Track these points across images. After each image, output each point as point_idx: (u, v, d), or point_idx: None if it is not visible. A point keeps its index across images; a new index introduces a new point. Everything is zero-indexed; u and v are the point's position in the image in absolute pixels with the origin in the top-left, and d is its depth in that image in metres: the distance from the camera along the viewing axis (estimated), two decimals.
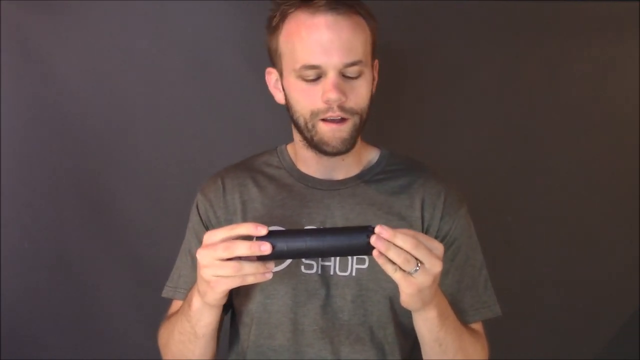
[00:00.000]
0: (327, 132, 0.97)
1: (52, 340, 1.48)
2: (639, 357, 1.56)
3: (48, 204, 1.45)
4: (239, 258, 0.83)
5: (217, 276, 0.84)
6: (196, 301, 0.92)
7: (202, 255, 0.84)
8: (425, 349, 0.98)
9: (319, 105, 0.95)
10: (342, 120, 0.96)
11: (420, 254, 0.80)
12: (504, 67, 1.48)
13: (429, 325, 0.93)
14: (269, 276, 0.85)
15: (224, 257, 0.82)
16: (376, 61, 1.04)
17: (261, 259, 0.84)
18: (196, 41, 1.44)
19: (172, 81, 1.45)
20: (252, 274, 0.84)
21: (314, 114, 0.96)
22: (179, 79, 1.45)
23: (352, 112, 0.96)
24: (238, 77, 1.45)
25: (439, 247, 0.83)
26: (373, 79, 1.01)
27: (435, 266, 0.81)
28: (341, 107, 0.95)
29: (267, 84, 1.06)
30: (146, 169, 1.47)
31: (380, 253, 0.80)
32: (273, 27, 0.99)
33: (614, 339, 1.57)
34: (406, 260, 0.79)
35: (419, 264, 0.80)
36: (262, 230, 0.82)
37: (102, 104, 1.44)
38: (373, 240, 0.79)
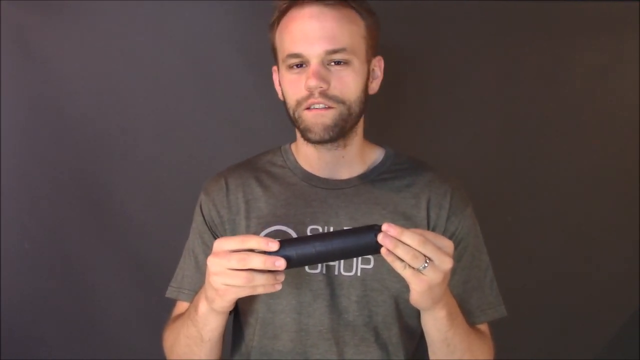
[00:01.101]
0: (310, 118, 0.97)
1: (52, 341, 1.48)
2: (639, 357, 1.56)
3: (48, 204, 1.45)
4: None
5: (227, 285, 0.84)
6: (203, 306, 0.92)
7: (212, 263, 0.84)
8: (432, 349, 0.98)
9: (302, 93, 0.96)
10: (327, 108, 0.96)
11: (428, 251, 0.80)
12: (503, 67, 1.48)
13: (438, 325, 0.93)
14: (279, 287, 0.85)
15: (236, 268, 0.82)
16: (378, 57, 1.04)
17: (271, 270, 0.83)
18: (196, 41, 1.44)
19: (173, 81, 1.45)
20: (262, 285, 0.83)
21: (299, 103, 0.97)
22: (179, 79, 1.45)
23: (336, 100, 0.96)
24: (238, 76, 1.45)
25: (448, 245, 0.82)
26: (369, 73, 1.01)
27: (444, 263, 0.81)
28: (323, 94, 0.95)
29: (274, 82, 1.07)
30: (146, 168, 1.47)
31: (389, 251, 0.79)
32: (271, 25, 1.02)
33: (614, 339, 1.57)
34: (414, 256, 0.79)
35: (428, 261, 0.80)
36: (274, 246, 0.82)
37: (103, 103, 1.44)
38: (380, 238, 0.79)
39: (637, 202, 1.52)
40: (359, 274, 0.99)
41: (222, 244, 0.84)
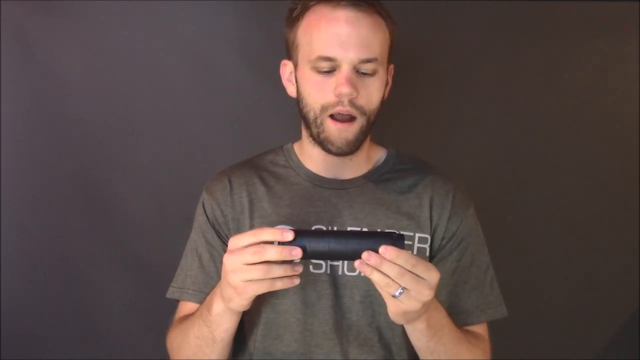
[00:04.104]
0: (334, 131, 0.96)
1: (52, 340, 1.48)
2: (639, 357, 1.56)
3: (48, 204, 1.45)
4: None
5: (246, 281, 0.83)
6: (218, 307, 0.91)
7: (229, 261, 0.83)
8: (419, 353, 0.98)
9: (330, 98, 0.95)
10: (351, 119, 0.96)
11: (405, 282, 0.79)
12: (502, 68, 1.49)
13: (417, 335, 0.93)
14: (297, 282, 0.84)
15: (252, 262, 0.81)
16: (391, 66, 1.04)
17: (287, 261, 0.82)
18: (196, 41, 1.44)
19: (173, 81, 1.45)
20: (280, 277, 0.83)
21: (324, 109, 0.96)
22: (180, 78, 1.45)
23: (361, 110, 0.96)
24: (239, 76, 1.45)
25: (433, 277, 0.81)
26: (387, 82, 1.01)
27: (422, 295, 0.81)
28: (351, 103, 0.95)
29: (281, 76, 1.05)
30: (146, 168, 1.47)
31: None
32: (293, 19, 0.99)
33: (614, 339, 1.57)
34: (387, 284, 0.80)
35: (403, 289, 0.80)
36: (289, 236, 0.81)
37: (103, 103, 1.44)
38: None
39: (637, 202, 1.53)
40: (362, 274, 0.99)
41: (236, 241, 0.83)
